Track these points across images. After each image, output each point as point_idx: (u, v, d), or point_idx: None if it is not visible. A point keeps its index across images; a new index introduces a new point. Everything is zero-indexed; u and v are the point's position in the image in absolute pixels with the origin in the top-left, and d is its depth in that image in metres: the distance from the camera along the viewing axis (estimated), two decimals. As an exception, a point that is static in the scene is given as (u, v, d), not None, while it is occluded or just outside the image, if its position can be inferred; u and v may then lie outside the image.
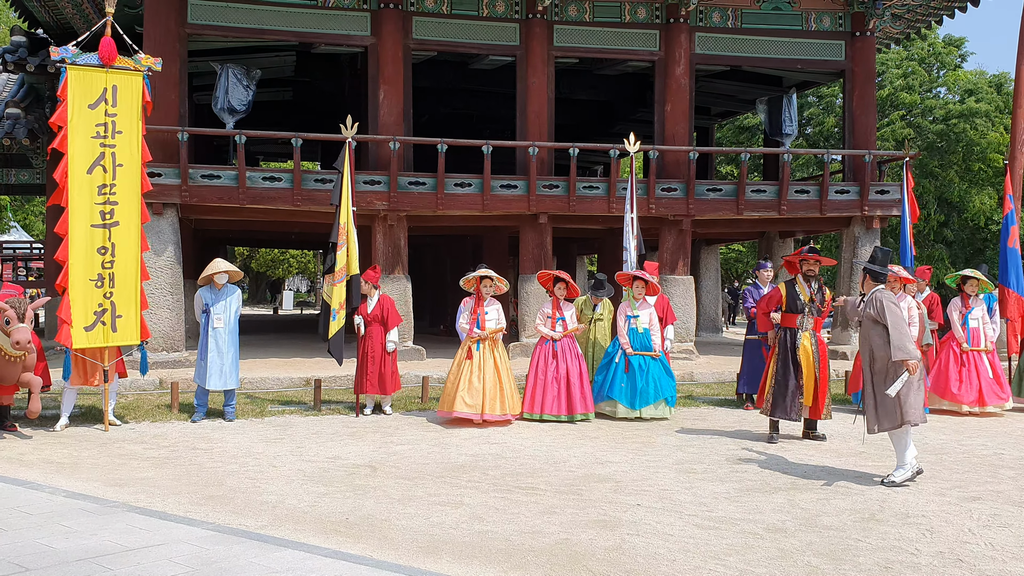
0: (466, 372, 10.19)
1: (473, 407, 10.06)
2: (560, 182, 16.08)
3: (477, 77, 19.71)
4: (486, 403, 10.07)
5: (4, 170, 19.27)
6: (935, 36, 32.35)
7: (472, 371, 10.19)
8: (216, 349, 10.30)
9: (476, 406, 10.06)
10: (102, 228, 9.62)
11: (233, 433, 9.58)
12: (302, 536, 5.77)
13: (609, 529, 6.00)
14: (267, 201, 14.95)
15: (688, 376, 14.33)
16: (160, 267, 14.12)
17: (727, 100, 22.53)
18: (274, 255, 48.25)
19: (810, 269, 9.26)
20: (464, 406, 10.05)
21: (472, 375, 10.17)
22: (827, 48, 17.66)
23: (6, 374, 8.99)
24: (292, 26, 15.46)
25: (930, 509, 6.60)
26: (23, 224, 37.85)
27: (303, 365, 14.57)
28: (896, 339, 7.18)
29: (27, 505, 6.42)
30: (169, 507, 6.46)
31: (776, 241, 20.53)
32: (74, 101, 9.49)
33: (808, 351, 9.19)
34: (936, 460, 8.45)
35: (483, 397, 10.07)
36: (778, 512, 6.48)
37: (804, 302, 9.20)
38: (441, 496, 6.87)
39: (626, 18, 16.77)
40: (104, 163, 9.63)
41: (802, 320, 9.21)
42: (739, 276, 41.76)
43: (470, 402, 10.05)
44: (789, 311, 9.27)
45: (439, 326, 21.85)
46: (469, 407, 10.05)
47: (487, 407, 10.06)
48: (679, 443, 9.24)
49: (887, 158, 18.14)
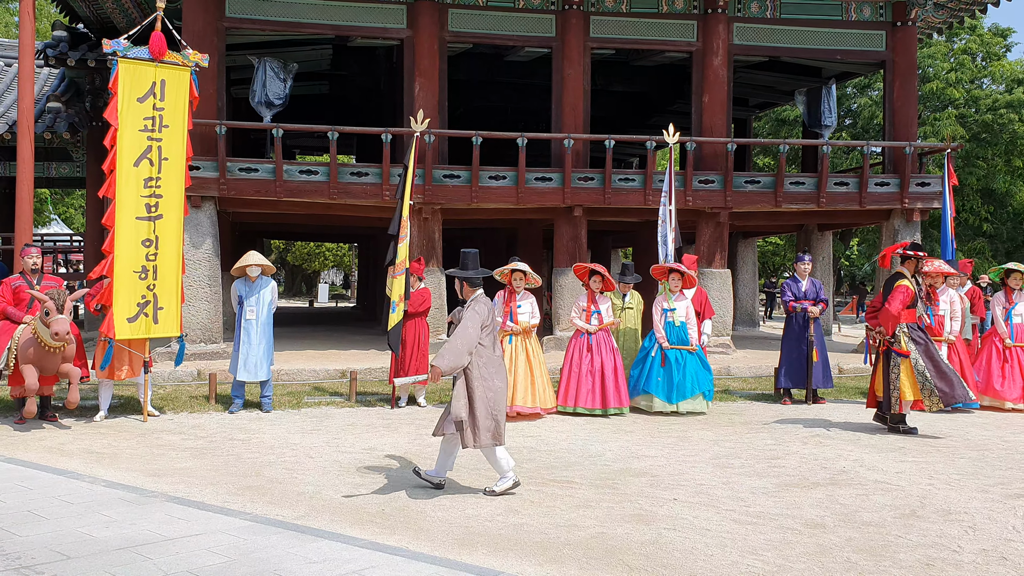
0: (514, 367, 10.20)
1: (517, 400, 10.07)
2: (595, 174, 16.01)
3: (512, 69, 19.66)
4: (516, 395, 10.05)
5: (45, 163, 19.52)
6: (981, 27, 31.75)
7: (517, 365, 10.20)
8: (247, 341, 10.38)
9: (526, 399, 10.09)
10: (147, 221, 9.74)
11: (270, 424, 9.65)
12: (338, 527, 5.79)
13: (645, 523, 5.96)
14: (303, 194, 15.04)
15: (725, 370, 14.21)
16: (198, 260, 14.27)
17: (765, 91, 22.28)
18: (310, 248, 48.53)
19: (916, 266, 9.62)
20: (518, 400, 10.06)
21: (519, 369, 10.17)
22: (868, 38, 17.39)
23: (46, 365, 9.14)
24: (329, 19, 15.52)
25: (972, 506, 6.48)
26: (63, 217, 38.41)
27: (338, 357, 14.65)
28: (447, 345, 6.49)
29: (68, 494, 6.50)
30: (207, 497, 6.52)
31: (814, 234, 20.28)
32: (123, 94, 9.59)
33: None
34: (979, 456, 8.30)
35: (513, 390, 10.06)
36: (817, 507, 6.40)
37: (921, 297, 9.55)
38: (476, 488, 6.86)
39: (663, 8, 16.63)
40: (151, 156, 9.74)
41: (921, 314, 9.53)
42: (776, 269, 41.36)
43: (517, 396, 10.06)
44: (911, 307, 9.49)
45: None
46: (514, 402, 10.05)
47: (517, 399, 10.05)
48: (716, 438, 9.16)
49: (928, 150, 17.85)
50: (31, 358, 9.04)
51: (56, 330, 8.71)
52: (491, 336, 6.72)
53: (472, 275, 6.92)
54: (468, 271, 6.95)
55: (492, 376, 6.63)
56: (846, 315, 34.40)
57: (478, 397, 6.53)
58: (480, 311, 6.64)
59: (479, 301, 6.75)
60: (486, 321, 6.64)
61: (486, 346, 6.65)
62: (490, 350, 6.69)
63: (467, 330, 6.51)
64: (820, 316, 11.64)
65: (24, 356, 9.07)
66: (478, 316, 6.60)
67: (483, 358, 6.63)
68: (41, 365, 9.12)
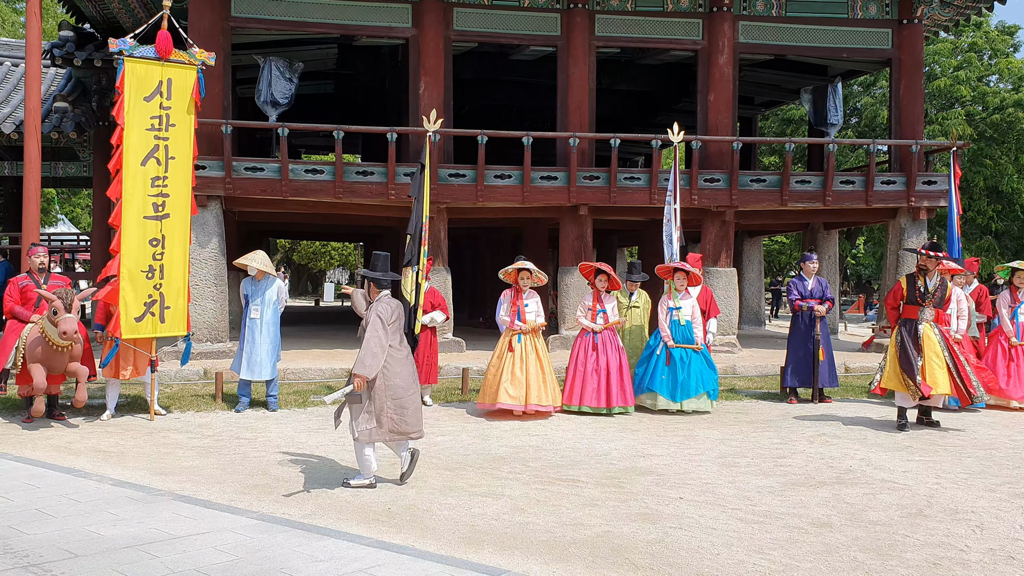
0: (508, 363, 10.19)
1: (516, 398, 10.06)
2: (601, 173, 16.00)
3: (517, 68, 19.66)
4: (530, 394, 10.06)
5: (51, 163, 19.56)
6: (987, 24, 31.64)
7: (515, 362, 10.19)
8: (251, 340, 10.39)
9: (519, 397, 10.06)
10: (154, 220, 9.74)
11: (276, 423, 9.66)
12: (345, 525, 5.80)
13: (651, 522, 5.96)
14: (309, 193, 15.05)
15: (730, 369, 14.20)
16: (204, 259, 14.29)
17: (771, 89, 22.25)
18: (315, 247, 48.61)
19: (925, 264, 9.70)
20: (508, 397, 10.04)
21: (515, 366, 10.16)
22: (874, 36, 17.36)
23: (54, 363, 9.17)
24: (334, 19, 15.54)
25: (980, 505, 6.47)
26: (70, 217, 38.49)
27: (344, 356, 14.66)
28: (361, 352, 6.74)
29: (75, 493, 6.52)
30: (214, 496, 6.53)
31: (820, 233, 20.25)
32: (130, 93, 9.60)
33: (932, 340, 9.61)
34: (986, 455, 8.28)
35: (526, 388, 10.06)
36: (823, 507, 6.39)
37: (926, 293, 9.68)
38: (482, 487, 6.87)
39: (668, 7, 16.61)
40: (158, 155, 9.74)
41: (922, 312, 9.67)
42: (782, 268, 41.29)
43: (513, 393, 10.05)
44: (910, 303, 9.74)
45: (478, 318, 21.88)
46: (512, 398, 10.05)
47: (532, 397, 10.05)
48: (721, 436, 9.15)
49: (935, 148, 17.80)
50: (39, 357, 9.07)
51: (64, 329, 8.74)
52: (397, 333, 6.98)
53: (380, 276, 7.15)
54: (376, 272, 7.20)
55: (394, 375, 6.88)
56: (852, 314, 34.35)
57: (376, 390, 6.79)
58: (383, 311, 6.86)
59: (382, 301, 6.97)
60: (390, 319, 6.88)
61: (393, 345, 6.91)
62: (396, 348, 6.94)
63: (376, 332, 6.75)
64: (826, 315, 11.62)
65: (32, 355, 9.10)
66: (381, 317, 6.82)
67: (389, 356, 6.88)
68: (49, 364, 9.14)
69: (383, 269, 7.20)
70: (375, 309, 6.88)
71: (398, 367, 6.90)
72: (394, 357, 6.89)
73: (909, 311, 9.77)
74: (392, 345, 6.88)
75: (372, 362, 6.69)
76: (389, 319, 6.87)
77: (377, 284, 7.11)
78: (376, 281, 7.11)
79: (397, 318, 6.95)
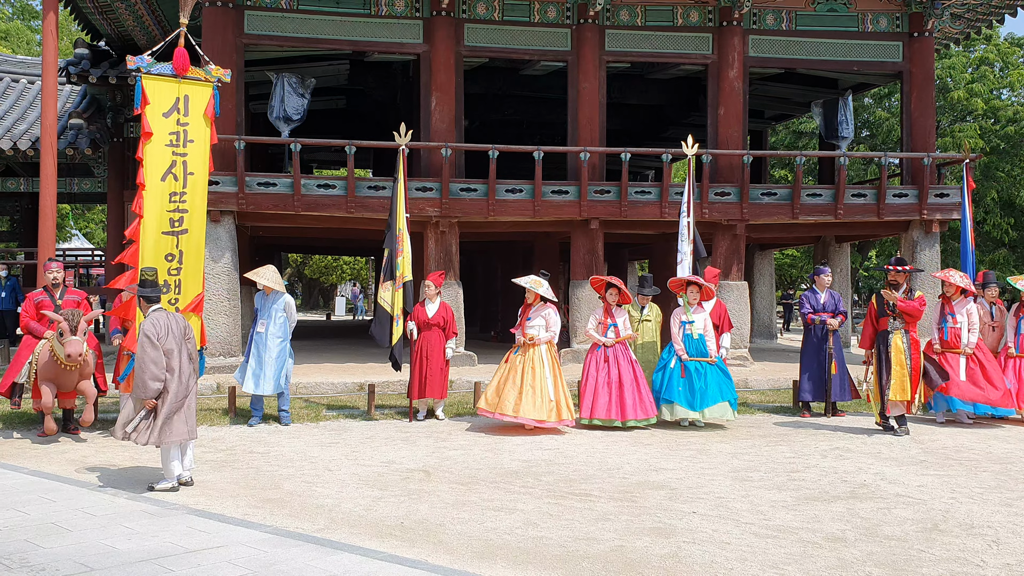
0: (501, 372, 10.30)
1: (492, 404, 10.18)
2: (612, 187, 16.03)
3: (528, 83, 19.72)
4: (522, 406, 10.04)
5: (67, 179, 19.72)
6: (997, 35, 31.61)
7: (507, 373, 10.26)
8: (255, 354, 10.43)
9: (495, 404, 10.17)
10: (171, 235, 9.79)
11: (289, 437, 9.69)
12: (358, 540, 5.81)
13: (664, 536, 5.95)
14: (321, 208, 15.12)
15: (743, 383, 14.16)
16: (217, 273, 14.36)
17: (781, 103, 22.25)
18: (327, 261, 48.73)
19: (894, 279, 10.30)
20: (512, 409, 10.05)
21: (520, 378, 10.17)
22: (884, 49, 17.36)
23: (64, 381, 9.30)
24: (346, 35, 15.64)
25: (996, 520, 6.43)
26: (84, 232, 38.74)
27: (356, 370, 14.69)
28: (136, 374, 7.10)
29: (91, 507, 6.56)
30: (228, 510, 6.56)
31: (832, 246, 20.20)
32: (149, 109, 9.69)
33: (900, 348, 10.14)
34: (1001, 470, 8.24)
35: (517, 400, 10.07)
36: (837, 521, 6.37)
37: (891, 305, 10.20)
38: (495, 501, 6.87)
39: (679, 21, 16.66)
40: (175, 171, 9.80)
41: (892, 322, 10.20)
42: (794, 281, 41.15)
43: (520, 406, 10.05)
44: (881, 315, 10.35)
45: (490, 332, 21.88)
46: (518, 412, 10.03)
47: (522, 410, 10.04)
48: (734, 450, 9.13)
49: (947, 160, 17.77)
50: (49, 375, 9.17)
51: (68, 352, 8.78)
52: (173, 344, 7.24)
53: (149, 293, 7.43)
54: (146, 289, 7.48)
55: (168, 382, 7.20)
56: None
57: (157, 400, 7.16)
58: (148, 329, 7.15)
59: (149, 319, 7.27)
60: (160, 334, 7.17)
61: (167, 356, 7.21)
62: (169, 358, 7.20)
63: (145, 350, 7.08)
64: (839, 328, 11.59)
65: (43, 373, 9.20)
66: (148, 336, 7.12)
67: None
68: (59, 382, 9.28)
69: (152, 286, 7.50)
70: (143, 328, 7.19)
71: (170, 375, 7.19)
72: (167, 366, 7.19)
73: (883, 323, 10.33)
74: (166, 356, 7.19)
75: (151, 382, 7.04)
76: (159, 334, 7.14)
77: (147, 300, 7.41)
78: (146, 297, 7.42)
79: (167, 331, 7.22)
